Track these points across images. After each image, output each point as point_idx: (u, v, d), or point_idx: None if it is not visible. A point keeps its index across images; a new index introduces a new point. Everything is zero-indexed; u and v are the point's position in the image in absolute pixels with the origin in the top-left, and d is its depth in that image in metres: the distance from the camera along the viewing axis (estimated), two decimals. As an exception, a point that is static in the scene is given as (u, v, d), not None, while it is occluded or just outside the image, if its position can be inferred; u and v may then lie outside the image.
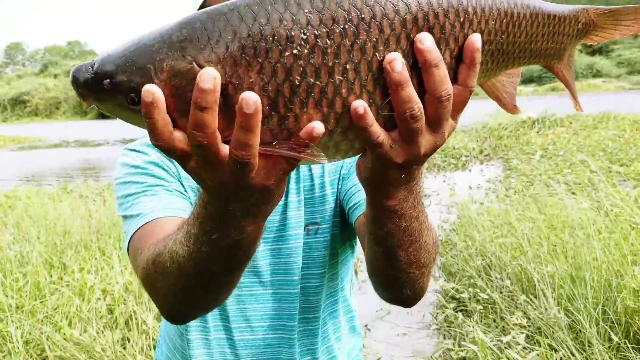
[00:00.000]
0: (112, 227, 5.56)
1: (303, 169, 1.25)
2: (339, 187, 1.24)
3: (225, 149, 0.58)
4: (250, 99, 0.54)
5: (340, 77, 0.59)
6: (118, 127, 42.38)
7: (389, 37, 0.60)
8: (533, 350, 2.76)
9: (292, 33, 0.57)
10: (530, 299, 3.25)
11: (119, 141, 28.37)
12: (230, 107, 0.57)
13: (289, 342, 1.23)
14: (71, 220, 5.98)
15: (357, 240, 1.31)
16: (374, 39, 0.59)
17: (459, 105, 0.65)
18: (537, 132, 15.33)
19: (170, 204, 1.03)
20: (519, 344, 2.80)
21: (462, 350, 2.98)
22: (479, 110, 21.28)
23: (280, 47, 0.57)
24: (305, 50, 0.58)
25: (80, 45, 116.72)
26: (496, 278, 3.66)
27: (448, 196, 8.18)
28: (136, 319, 3.34)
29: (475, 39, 0.62)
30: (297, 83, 0.58)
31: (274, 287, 1.21)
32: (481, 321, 3.30)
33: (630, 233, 3.95)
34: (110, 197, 8.89)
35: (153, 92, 0.55)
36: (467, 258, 4.27)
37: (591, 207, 4.86)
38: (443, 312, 3.68)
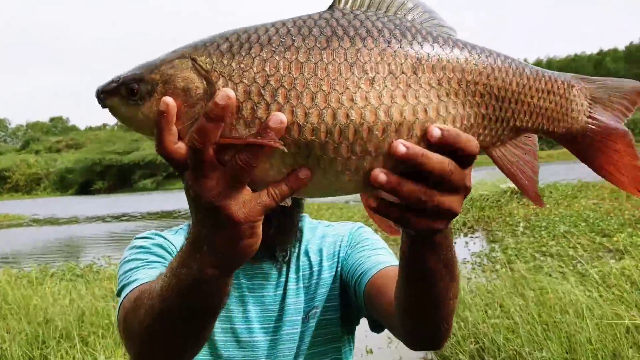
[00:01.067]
0: (95, 314, 5.43)
1: (302, 259, 1.29)
2: (339, 269, 1.29)
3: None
4: (226, 92, 0.61)
5: None
6: (100, 203, 42.18)
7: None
8: None
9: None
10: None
11: (99, 217, 28.16)
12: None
13: None
14: (52, 307, 5.84)
15: (354, 334, 1.36)
16: None
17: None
18: (519, 202, 15.56)
19: None
20: None
21: None
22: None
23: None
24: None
25: (63, 121, 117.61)
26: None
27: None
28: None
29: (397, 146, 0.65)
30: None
31: None
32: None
33: (621, 308, 3.97)
34: (93, 277, 8.73)
35: (167, 102, 0.62)
36: (460, 341, 4.22)
37: (579, 281, 4.89)
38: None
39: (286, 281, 1.26)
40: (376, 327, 1.25)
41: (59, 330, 4.89)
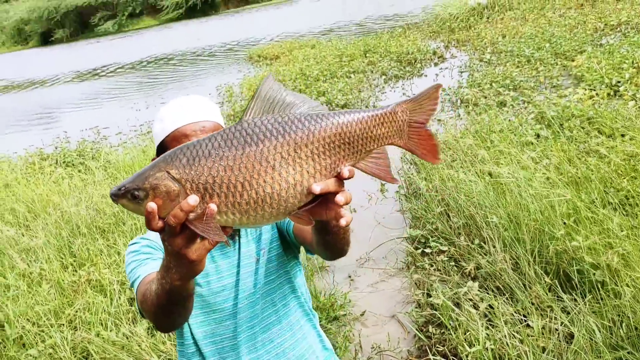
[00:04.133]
0: (106, 203, 5.98)
1: None
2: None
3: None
4: (192, 198, 1.11)
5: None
6: (64, 56, 40.86)
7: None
8: (486, 295, 3.45)
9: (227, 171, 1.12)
10: (481, 245, 3.92)
11: (73, 74, 27.57)
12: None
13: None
14: (62, 199, 6.38)
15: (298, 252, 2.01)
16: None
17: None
18: (487, 19, 15.64)
19: (155, 267, 1.68)
20: (472, 290, 3.49)
21: (430, 303, 3.68)
22: (434, 2, 21.35)
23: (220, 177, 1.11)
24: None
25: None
26: (454, 224, 4.30)
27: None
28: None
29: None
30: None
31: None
32: (444, 268, 3.97)
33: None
34: (90, 156, 9.19)
35: (151, 206, 1.12)
36: (429, 201, 4.88)
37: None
38: (413, 259, 4.35)
39: (239, 239, 1.86)
40: (309, 253, 1.90)
41: (77, 225, 5.49)
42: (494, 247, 3.78)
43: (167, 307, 1.39)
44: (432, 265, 4.07)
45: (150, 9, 63.34)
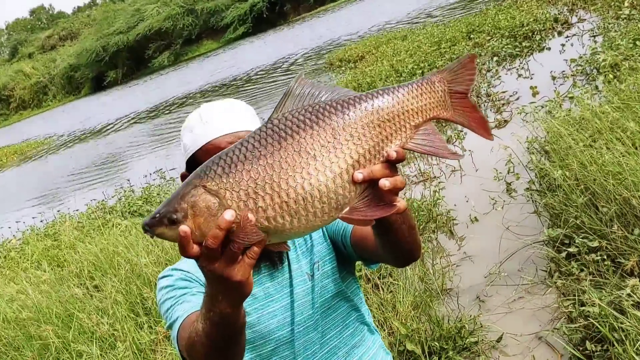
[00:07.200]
0: (177, 250, 6.25)
1: None
2: (323, 229, 1.95)
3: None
4: (229, 213, 1.16)
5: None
6: (121, 99, 43.50)
7: None
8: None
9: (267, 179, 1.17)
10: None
11: (130, 117, 29.26)
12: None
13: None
14: (130, 251, 6.74)
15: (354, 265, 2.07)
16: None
17: None
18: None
19: (195, 304, 1.70)
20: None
21: (584, 314, 3.52)
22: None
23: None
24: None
25: (45, 11, 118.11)
26: (604, 214, 4.11)
27: (531, 96, 8.45)
28: None
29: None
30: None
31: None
32: (597, 269, 3.80)
33: None
34: (154, 200, 9.68)
35: (185, 230, 1.15)
36: (568, 192, 4.70)
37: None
38: (557, 265, 4.20)
39: (287, 255, 1.88)
40: (369, 264, 1.93)
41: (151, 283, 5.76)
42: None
43: (221, 345, 1.40)
44: (581, 269, 3.91)
45: (210, 31, 66.24)
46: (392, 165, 1.22)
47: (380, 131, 1.23)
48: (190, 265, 1.84)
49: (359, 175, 1.18)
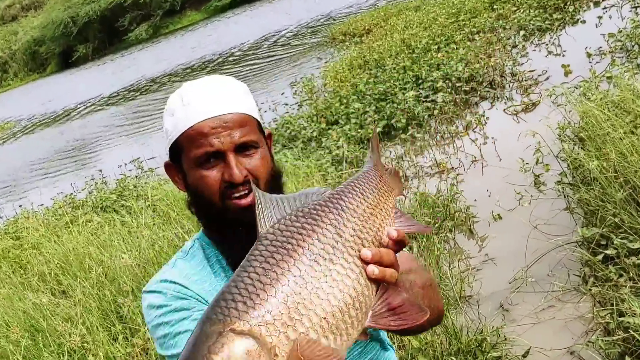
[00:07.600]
0: (156, 250, 6.24)
1: None
2: None
3: None
4: None
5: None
6: (91, 78, 43.35)
7: None
8: None
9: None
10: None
11: (102, 98, 29.19)
12: None
13: None
14: (102, 252, 6.74)
15: None
16: None
17: None
18: None
19: None
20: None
21: (624, 325, 3.53)
22: None
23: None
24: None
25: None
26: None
27: (562, 76, 8.44)
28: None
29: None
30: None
31: None
32: (638, 275, 3.80)
33: None
34: (129, 194, 9.67)
35: None
36: (605, 186, 4.70)
37: None
38: (592, 269, 4.21)
39: None
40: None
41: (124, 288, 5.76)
42: None
43: None
44: (620, 274, 3.92)
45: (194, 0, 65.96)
46: (398, 247, 1.33)
47: (374, 219, 1.33)
48: (180, 275, 1.76)
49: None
